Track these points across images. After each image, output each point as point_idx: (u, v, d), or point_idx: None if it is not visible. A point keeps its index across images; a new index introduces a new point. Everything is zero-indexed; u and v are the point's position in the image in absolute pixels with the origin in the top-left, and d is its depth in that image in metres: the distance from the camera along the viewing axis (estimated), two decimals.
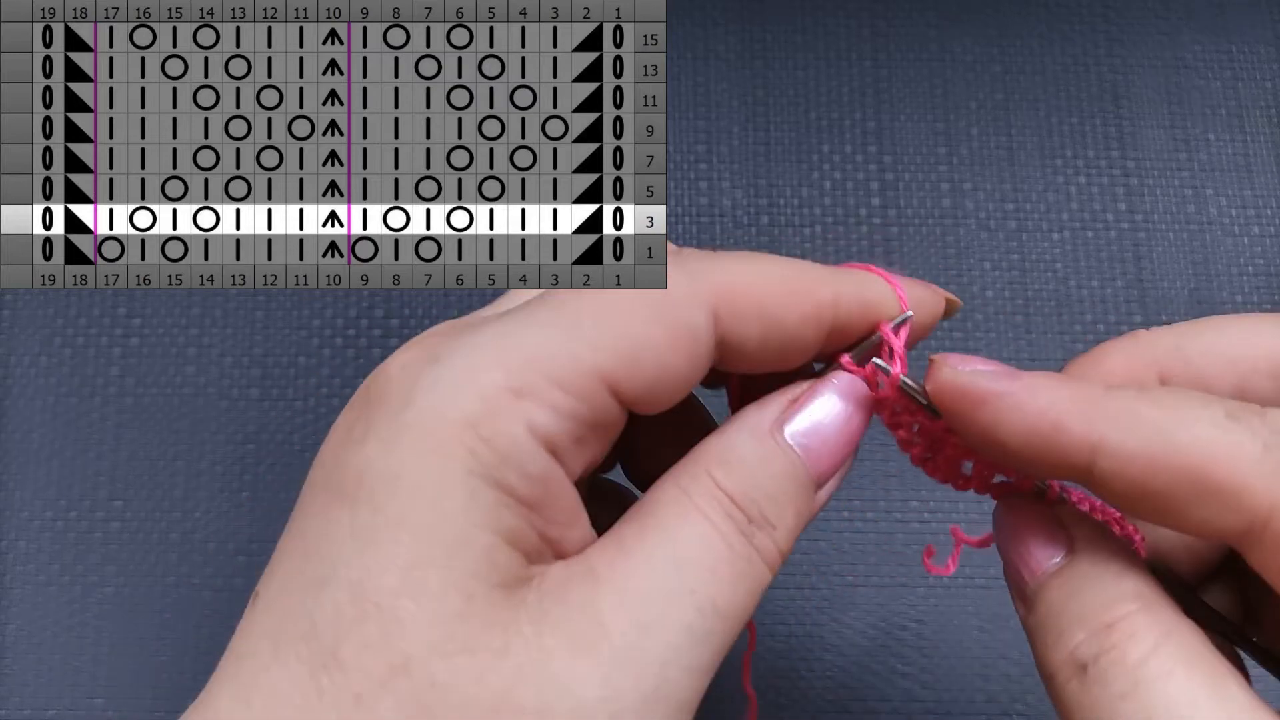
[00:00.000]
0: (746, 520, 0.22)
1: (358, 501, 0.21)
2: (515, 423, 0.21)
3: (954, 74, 0.47)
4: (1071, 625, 0.21)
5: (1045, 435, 0.22)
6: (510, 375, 0.21)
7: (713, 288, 0.23)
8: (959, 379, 0.23)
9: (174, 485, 0.41)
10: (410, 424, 0.21)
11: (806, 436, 0.24)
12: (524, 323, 0.22)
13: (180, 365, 0.43)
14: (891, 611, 0.40)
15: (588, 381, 0.22)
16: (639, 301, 0.23)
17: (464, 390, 0.21)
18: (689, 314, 0.23)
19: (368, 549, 0.20)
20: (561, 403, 0.21)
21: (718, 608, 0.21)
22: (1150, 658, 0.20)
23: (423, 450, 0.21)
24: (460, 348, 0.22)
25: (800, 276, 0.24)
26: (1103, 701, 0.20)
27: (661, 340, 0.22)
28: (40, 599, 0.40)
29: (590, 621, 0.21)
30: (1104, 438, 0.21)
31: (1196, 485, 0.20)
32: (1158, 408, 0.21)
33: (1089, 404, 0.21)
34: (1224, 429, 0.20)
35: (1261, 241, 0.45)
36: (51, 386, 0.42)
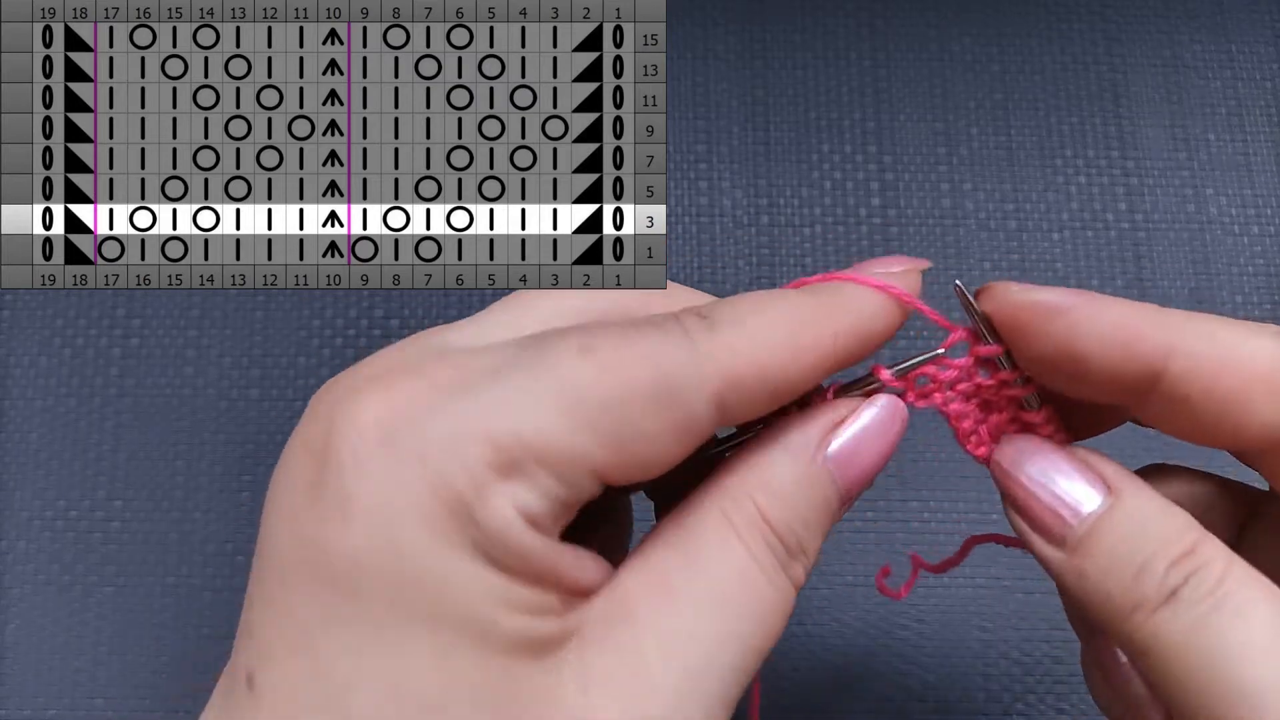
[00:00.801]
0: (785, 553, 0.23)
1: (362, 592, 0.20)
2: (505, 505, 0.20)
3: (953, 74, 0.47)
4: (1151, 560, 0.22)
5: (1123, 341, 0.23)
6: (498, 451, 0.20)
7: (719, 372, 0.22)
8: (1031, 294, 0.23)
9: (174, 485, 0.41)
10: (399, 503, 0.20)
11: (846, 459, 0.24)
12: (514, 385, 0.21)
13: (180, 366, 0.43)
14: (891, 611, 0.40)
15: (577, 471, 0.21)
16: (643, 383, 0.21)
17: (451, 466, 0.20)
18: (693, 406, 0.21)
19: (392, 642, 0.20)
20: (547, 486, 0.20)
21: (759, 649, 0.22)
22: (1228, 575, 0.22)
23: (420, 536, 0.20)
24: (443, 411, 0.20)
25: (800, 327, 0.23)
26: (1199, 620, 0.21)
27: (661, 434, 0.21)
28: (40, 599, 0.40)
29: (637, 672, 0.20)
30: (1178, 343, 0.22)
31: (1262, 384, 0.22)
32: (1219, 323, 0.23)
33: (1160, 315, 0.23)
34: (1274, 337, 0.22)
35: (1261, 241, 0.45)
36: (51, 387, 0.42)
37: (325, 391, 0.22)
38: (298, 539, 0.20)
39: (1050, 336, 0.23)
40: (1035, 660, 0.40)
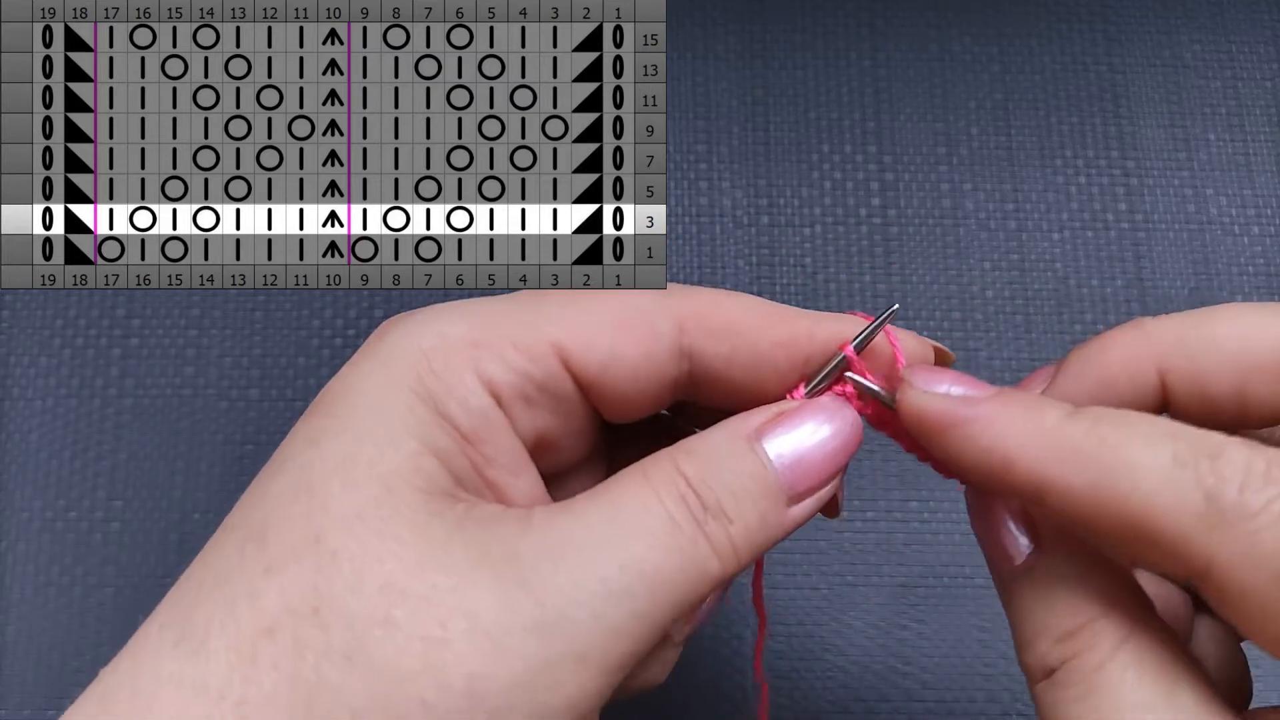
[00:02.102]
0: (701, 506, 0.22)
1: (316, 411, 0.24)
2: (464, 363, 0.23)
3: (953, 74, 0.47)
4: (1039, 632, 0.22)
5: (996, 471, 0.22)
6: (471, 328, 0.24)
7: (682, 302, 0.25)
8: (921, 403, 0.23)
9: (174, 485, 0.41)
10: (375, 353, 0.24)
11: (787, 450, 0.24)
12: (499, 300, 0.25)
13: (180, 366, 0.43)
14: (891, 611, 0.40)
15: (539, 345, 0.24)
16: (608, 297, 0.25)
17: (427, 332, 0.24)
18: (652, 316, 0.25)
19: (315, 445, 0.23)
20: (512, 358, 0.24)
21: (643, 571, 0.21)
22: (1107, 663, 0.21)
23: (378, 371, 0.23)
24: (439, 308, 0.25)
25: (774, 310, 0.25)
26: (1064, 704, 0.21)
27: (620, 329, 0.24)
28: (40, 599, 0.40)
29: (504, 549, 0.21)
30: (1050, 480, 0.21)
31: (1137, 534, 0.20)
32: (1105, 448, 0.21)
33: (1040, 439, 0.21)
34: (1168, 478, 0.20)
35: (1261, 241, 0.45)
36: (51, 387, 0.42)
37: None
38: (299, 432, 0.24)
39: (934, 448, 0.23)
40: None
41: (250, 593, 0.21)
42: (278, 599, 0.21)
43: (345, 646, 0.20)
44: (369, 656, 0.20)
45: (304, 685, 0.20)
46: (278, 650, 0.20)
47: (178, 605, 0.22)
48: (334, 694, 0.20)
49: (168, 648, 0.21)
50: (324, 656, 0.20)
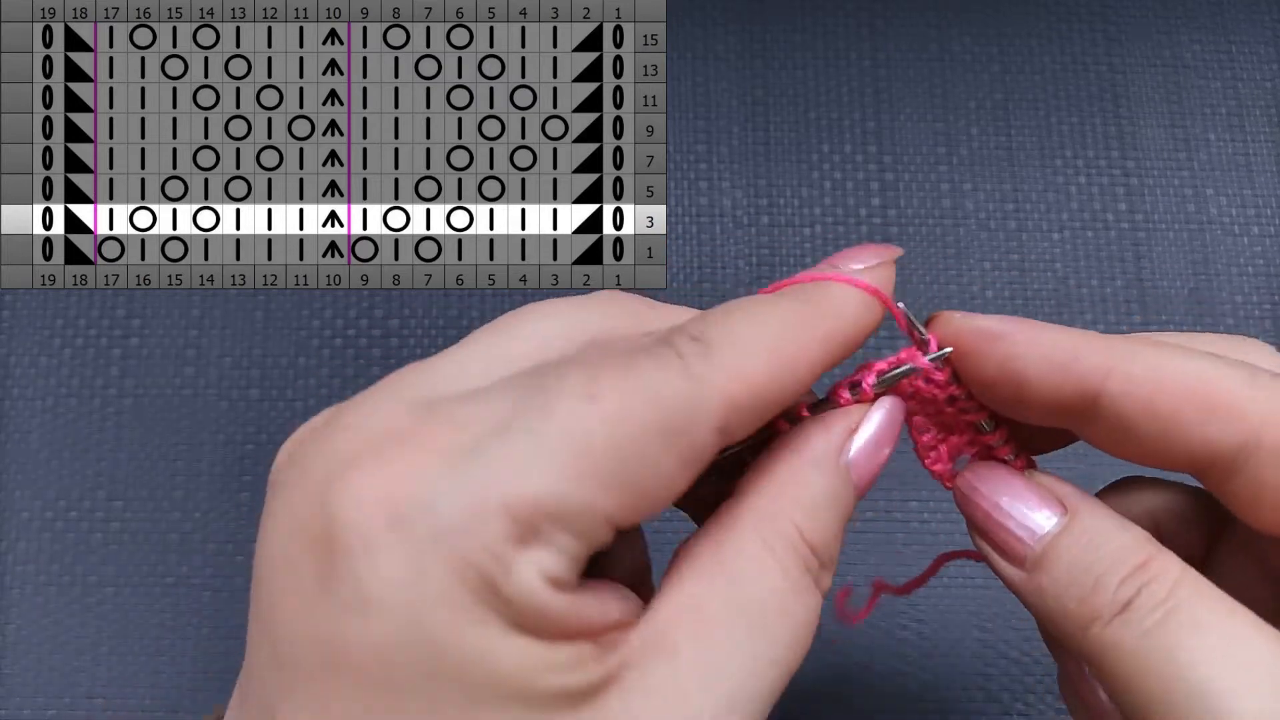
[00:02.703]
0: (819, 567, 0.23)
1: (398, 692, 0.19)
2: (528, 573, 0.19)
3: (953, 74, 0.47)
4: (1108, 571, 0.23)
5: (1062, 363, 0.23)
6: (515, 521, 0.19)
7: (720, 400, 0.21)
8: (974, 320, 0.24)
9: (174, 486, 0.41)
10: (423, 591, 0.19)
11: (859, 460, 0.24)
12: (520, 447, 0.20)
13: (180, 366, 0.43)
14: (891, 611, 0.40)
15: (594, 525, 0.20)
16: (649, 426, 0.21)
17: (471, 545, 0.19)
18: (698, 437, 0.21)
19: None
20: (567, 545, 0.20)
21: (792, 669, 0.22)
22: (1181, 583, 0.22)
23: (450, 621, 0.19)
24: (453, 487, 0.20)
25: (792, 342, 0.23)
26: (1150, 626, 0.22)
27: (670, 471, 0.21)
28: (40, 599, 0.40)
29: (677, 703, 0.21)
30: (1114, 364, 0.23)
31: (1198, 403, 0.22)
32: (1154, 345, 0.23)
33: (1097, 339, 0.23)
34: (1213, 361, 0.23)
35: (1261, 241, 0.45)
36: (51, 387, 0.42)
37: (306, 458, 0.21)
38: (317, 639, 0.20)
39: (992, 359, 0.24)
40: (1035, 660, 0.40)
41: None
42: None
43: None
44: None
45: None
46: None
47: None
48: None
49: None
50: None
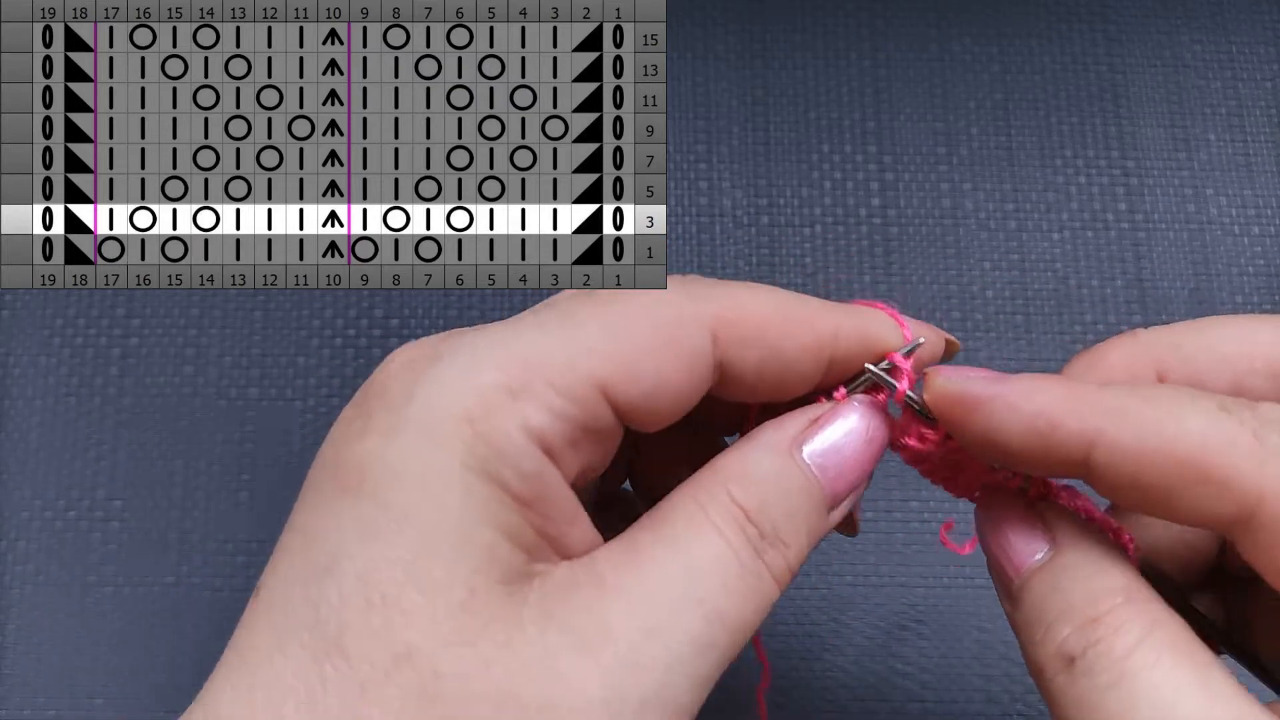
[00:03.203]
0: (760, 537, 0.23)
1: (360, 494, 0.21)
2: (511, 421, 0.21)
3: (953, 74, 0.47)
4: (1059, 618, 0.22)
5: (1042, 433, 0.22)
6: (508, 375, 0.22)
7: (714, 310, 0.24)
8: (952, 386, 0.23)
9: (173, 485, 0.41)
10: (410, 418, 0.22)
11: (824, 457, 0.24)
12: (526, 326, 0.23)
13: (179, 365, 0.43)
14: (891, 611, 0.40)
15: (583, 386, 0.22)
16: (642, 315, 0.23)
17: (463, 388, 0.22)
18: (689, 332, 0.23)
19: (372, 541, 0.21)
20: (556, 404, 0.22)
21: (724, 620, 0.22)
22: (1136, 649, 0.20)
23: (422, 445, 0.21)
24: (461, 348, 0.22)
25: (801, 308, 0.25)
26: (1090, 693, 0.20)
27: (660, 354, 0.23)
28: (40, 599, 0.40)
29: (596, 624, 0.21)
30: (1099, 432, 0.21)
31: (1189, 474, 0.20)
32: (1150, 403, 0.21)
33: (1083, 401, 0.22)
34: (1215, 420, 0.21)
35: (1261, 241, 0.45)
36: (51, 386, 0.42)
37: None
38: (328, 455, 0.23)
39: (973, 427, 0.23)
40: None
41: (354, 717, 0.20)
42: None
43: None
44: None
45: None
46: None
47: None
48: None
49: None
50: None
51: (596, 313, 0.23)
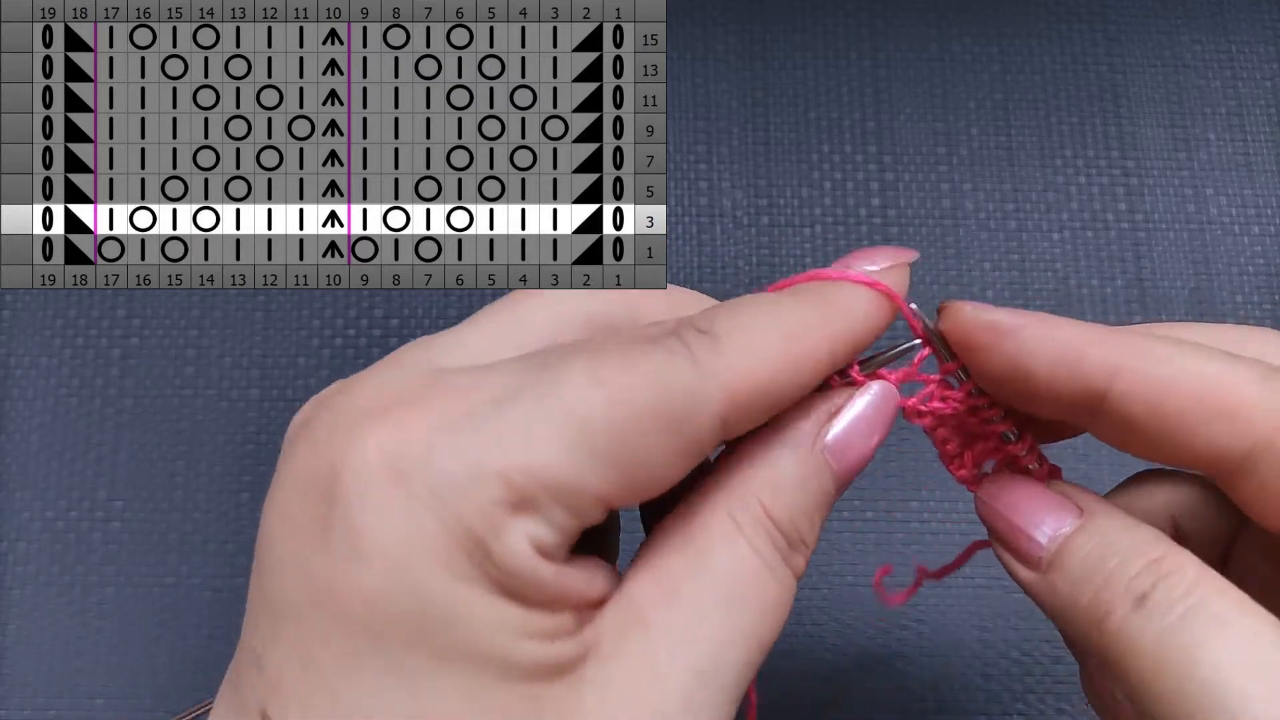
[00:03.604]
0: (788, 546, 0.23)
1: (381, 639, 0.20)
2: (519, 540, 0.20)
3: (953, 74, 0.47)
4: (1123, 564, 0.22)
5: (1070, 361, 0.23)
6: (510, 488, 0.20)
7: (724, 393, 0.21)
8: (983, 314, 0.24)
9: (174, 486, 0.41)
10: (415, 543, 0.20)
11: (840, 446, 0.24)
12: (523, 417, 0.20)
13: (180, 366, 0.43)
14: (891, 611, 0.40)
15: (587, 502, 0.21)
16: (651, 412, 0.21)
17: (465, 505, 0.20)
18: (699, 429, 0.21)
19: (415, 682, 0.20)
20: (558, 518, 0.20)
21: (764, 644, 0.22)
22: (1200, 581, 0.22)
23: (436, 573, 0.20)
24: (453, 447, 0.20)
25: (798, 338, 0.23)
26: (1168, 623, 0.21)
27: (668, 458, 0.21)
28: (40, 599, 0.40)
29: (650, 678, 0.21)
30: (1122, 362, 0.22)
31: (1206, 405, 0.22)
32: (1165, 344, 0.23)
33: (1106, 335, 0.23)
34: (1228, 363, 0.22)
35: (1261, 241, 0.45)
36: (51, 387, 0.42)
37: (316, 419, 0.22)
38: (309, 581, 0.20)
39: (1000, 355, 0.24)
40: (1035, 660, 0.40)
41: None
42: None
43: None
44: None
45: None
46: None
47: None
48: None
49: None
50: None
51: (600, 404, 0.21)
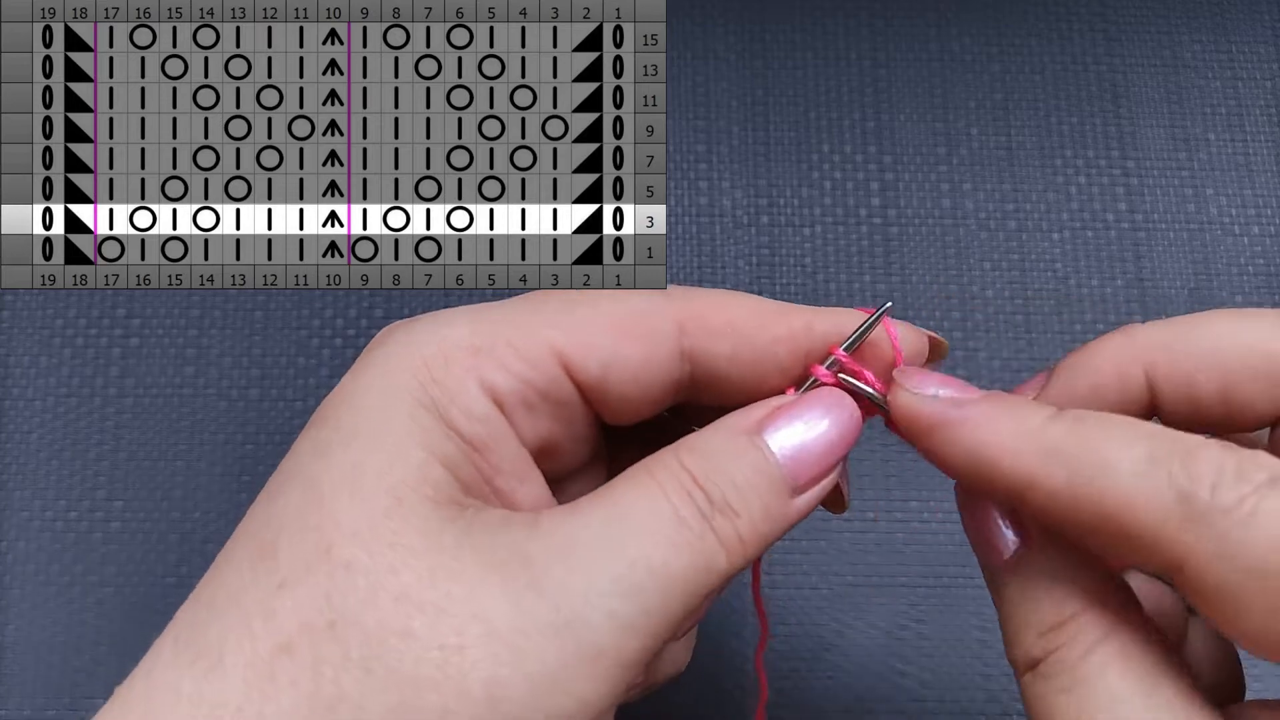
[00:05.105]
0: (707, 501, 0.23)
1: (322, 422, 0.23)
2: (466, 370, 0.23)
3: (954, 74, 0.47)
4: (1025, 625, 0.23)
5: (982, 470, 0.22)
6: (470, 334, 0.24)
7: (682, 304, 0.25)
8: (910, 404, 0.24)
9: (173, 485, 0.41)
10: (376, 361, 0.24)
11: (787, 442, 0.24)
12: (500, 303, 0.25)
13: (180, 365, 0.43)
14: (891, 611, 0.40)
15: (539, 350, 0.24)
16: (607, 300, 0.25)
17: (427, 340, 0.24)
18: (652, 317, 0.25)
19: (320, 458, 0.23)
20: (513, 364, 0.24)
21: (653, 567, 0.21)
22: (1088, 656, 0.21)
23: (380, 381, 0.23)
24: (437, 314, 0.25)
25: (775, 306, 0.26)
26: (1048, 696, 0.22)
27: (620, 333, 0.24)
28: (40, 599, 0.40)
29: (514, 554, 0.21)
30: (1032, 478, 0.22)
31: (1114, 530, 0.21)
32: (1084, 448, 0.21)
33: (1023, 440, 0.22)
34: (1143, 476, 0.20)
35: (1261, 241, 0.45)
36: (51, 387, 0.42)
37: None
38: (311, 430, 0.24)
39: (922, 448, 0.24)
40: None
41: (265, 610, 0.21)
42: (293, 615, 0.21)
43: (363, 659, 0.20)
44: (388, 667, 0.20)
45: (323, 700, 0.20)
46: (295, 666, 0.20)
47: (191, 623, 0.22)
48: (354, 707, 0.20)
49: (184, 666, 0.21)
50: (342, 670, 0.20)
51: (565, 298, 0.25)
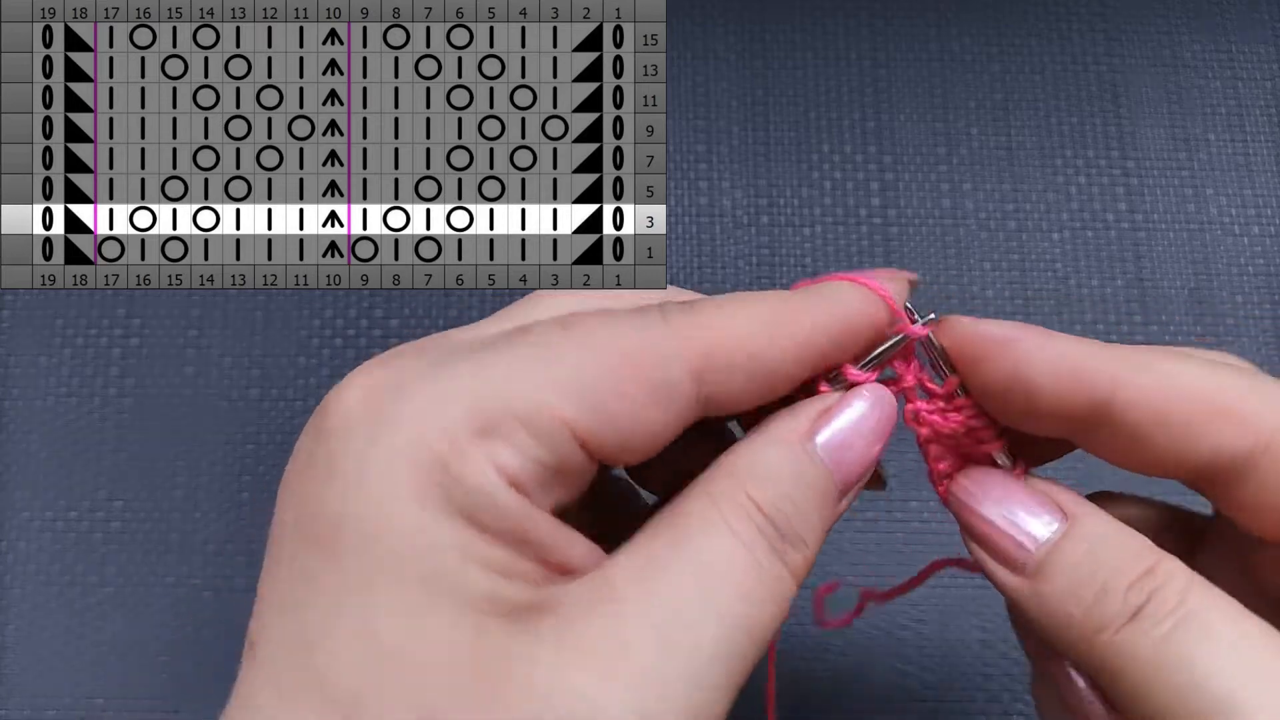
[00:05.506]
0: (779, 537, 0.22)
1: (338, 552, 0.20)
2: (483, 462, 0.21)
3: (953, 74, 0.47)
4: (1114, 576, 0.22)
5: (1070, 372, 0.23)
6: (475, 411, 0.21)
7: (694, 345, 0.23)
8: (982, 326, 0.24)
9: (174, 485, 0.41)
10: (377, 464, 0.21)
11: (836, 447, 0.24)
12: (496, 356, 0.22)
13: (180, 366, 0.43)
14: (891, 611, 0.40)
15: (552, 425, 0.21)
16: (618, 353, 0.22)
17: (430, 427, 0.21)
18: (667, 371, 0.22)
19: (364, 597, 0.20)
20: (526, 445, 0.21)
21: (746, 629, 0.21)
22: (1189, 592, 0.22)
23: (396, 493, 0.20)
24: (425, 376, 0.21)
25: (778, 314, 0.24)
26: (1160, 633, 0.22)
27: (635, 395, 0.22)
28: (40, 599, 0.40)
29: (614, 643, 0.20)
30: (1123, 373, 0.23)
31: (1210, 408, 0.22)
32: (1158, 353, 0.23)
33: (1102, 349, 0.23)
34: (1214, 369, 0.23)
35: (1261, 241, 0.45)
36: (51, 387, 0.42)
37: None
38: (292, 503, 0.21)
39: (1001, 366, 0.23)
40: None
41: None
42: None
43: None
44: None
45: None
46: None
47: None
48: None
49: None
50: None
51: (570, 347, 0.22)
